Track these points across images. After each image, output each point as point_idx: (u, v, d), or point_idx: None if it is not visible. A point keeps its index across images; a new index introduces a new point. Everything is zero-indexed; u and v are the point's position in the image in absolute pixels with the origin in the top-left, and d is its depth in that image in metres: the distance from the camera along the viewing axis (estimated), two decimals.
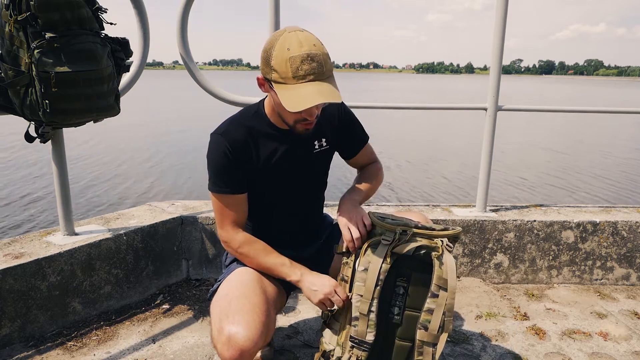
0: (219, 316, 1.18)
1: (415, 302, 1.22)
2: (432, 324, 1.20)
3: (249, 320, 1.15)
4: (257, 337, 1.14)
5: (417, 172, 8.59)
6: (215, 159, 1.33)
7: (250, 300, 1.22)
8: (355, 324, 1.21)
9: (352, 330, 1.22)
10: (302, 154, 1.41)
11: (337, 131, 1.47)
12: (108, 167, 8.33)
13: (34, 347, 1.72)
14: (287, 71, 1.13)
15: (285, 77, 1.14)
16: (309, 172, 1.45)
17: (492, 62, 2.34)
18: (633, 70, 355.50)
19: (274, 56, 1.15)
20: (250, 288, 1.27)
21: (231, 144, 1.31)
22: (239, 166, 1.33)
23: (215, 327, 1.17)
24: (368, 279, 1.19)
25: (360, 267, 1.20)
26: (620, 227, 2.35)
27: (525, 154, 10.51)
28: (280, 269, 1.34)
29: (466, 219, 2.33)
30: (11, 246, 1.86)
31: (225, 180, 1.33)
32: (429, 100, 29.24)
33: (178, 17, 2.15)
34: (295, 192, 1.45)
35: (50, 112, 1.55)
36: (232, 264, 1.46)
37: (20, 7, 1.49)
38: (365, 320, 1.20)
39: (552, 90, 56.66)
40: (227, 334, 1.13)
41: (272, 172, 1.38)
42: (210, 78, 2.26)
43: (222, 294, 1.28)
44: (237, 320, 1.15)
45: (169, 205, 2.40)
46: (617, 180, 8.25)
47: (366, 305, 1.19)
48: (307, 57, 1.12)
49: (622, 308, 2.16)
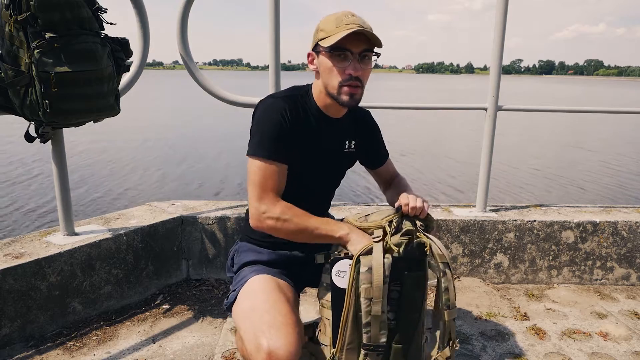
0: (254, 332, 1.17)
1: (410, 303, 1.21)
2: (451, 300, 1.22)
3: (286, 334, 1.16)
4: (297, 349, 1.16)
5: (417, 172, 8.59)
6: (271, 121, 1.29)
7: (281, 311, 1.22)
8: (367, 330, 1.17)
9: (365, 338, 1.17)
10: (336, 147, 1.44)
11: (366, 138, 1.52)
12: (108, 167, 8.33)
13: (34, 347, 1.72)
14: (332, 27, 1.25)
15: (329, 30, 1.25)
16: (335, 166, 1.48)
17: (492, 62, 2.34)
18: (633, 70, 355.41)
19: (322, 22, 1.29)
20: (275, 297, 1.26)
21: (289, 110, 1.31)
22: (291, 134, 1.30)
23: (252, 343, 1.16)
24: (375, 278, 1.15)
25: (363, 267, 1.16)
26: (620, 227, 2.35)
27: (525, 154, 10.51)
28: (326, 226, 1.28)
29: (466, 219, 2.33)
30: (11, 246, 1.86)
31: (276, 146, 1.29)
32: (430, 100, 29.21)
33: (178, 17, 2.15)
34: (322, 180, 1.47)
35: (50, 112, 1.55)
36: (242, 269, 1.44)
37: (20, 7, 1.49)
38: (378, 323, 1.17)
39: (558, 91, 56.62)
40: (267, 350, 1.12)
41: (311, 153, 1.38)
42: (210, 78, 2.26)
43: (247, 307, 1.26)
44: (274, 335, 1.15)
45: (169, 205, 2.40)
46: (617, 180, 8.25)
47: (379, 306, 1.15)
48: (351, 15, 1.26)
49: (622, 308, 2.16)
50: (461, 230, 2.34)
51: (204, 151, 10.20)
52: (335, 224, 1.29)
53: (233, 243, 2.26)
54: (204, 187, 7.21)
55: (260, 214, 1.29)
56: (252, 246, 1.48)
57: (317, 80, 1.37)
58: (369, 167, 1.61)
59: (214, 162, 9.12)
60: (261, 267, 1.41)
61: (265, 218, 1.29)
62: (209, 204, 2.41)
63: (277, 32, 2.13)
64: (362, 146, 1.51)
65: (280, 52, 2.17)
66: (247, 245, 1.49)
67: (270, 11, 2.11)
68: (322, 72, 1.31)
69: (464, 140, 12.65)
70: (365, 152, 1.54)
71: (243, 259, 1.47)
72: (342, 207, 2.45)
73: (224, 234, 2.26)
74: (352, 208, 2.44)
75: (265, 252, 1.45)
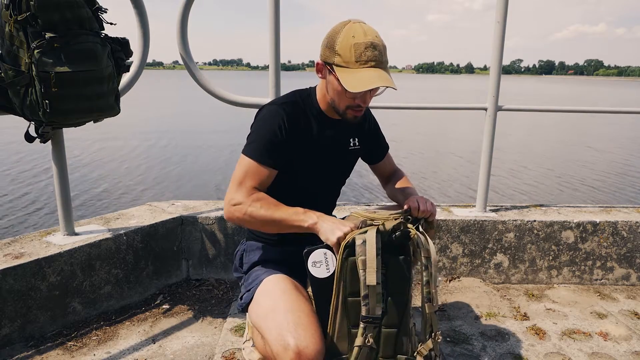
0: (279, 332, 1.18)
1: (395, 286, 1.23)
2: (432, 294, 1.24)
3: (312, 332, 1.18)
4: (323, 348, 1.18)
5: (417, 171, 8.59)
6: (268, 128, 1.32)
7: (304, 311, 1.23)
8: (366, 302, 1.18)
9: (364, 310, 1.19)
10: (340, 147, 1.46)
11: (367, 135, 1.55)
12: (108, 167, 8.33)
13: (34, 347, 1.72)
14: (350, 56, 1.23)
15: (348, 61, 1.23)
16: (340, 166, 1.51)
17: (492, 62, 2.34)
18: (633, 70, 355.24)
19: (339, 41, 1.24)
20: (295, 297, 1.28)
21: (287, 117, 1.33)
22: (287, 142, 1.33)
23: (278, 342, 1.17)
24: (368, 249, 1.16)
25: (358, 240, 1.17)
26: (620, 227, 2.35)
27: (525, 154, 10.51)
28: (294, 217, 1.25)
29: (466, 219, 2.33)
30: (11, 246, 1.86)
31: (269, 151, 1.31)
32: (430, 100, 29.19)
33: (178, 17, 2.15)
34: (324, 181, 1.48)
35: (50, 112, 1.55)
36: (253, 269, 1.44)
37: (20, 7, 1.49)
38: (375, 294, 1.18)
39: (558, 91, 56.63)
40: (295, 349, 1.14)
41: (310, 156, 1.39)
42: (210, 78, 2.26)
43: (268, 307, 1.27)
44: (302, 334, 1.16)
45: (169, 205, 2.40)
46: (618, 180, 8.24)
47: (373, 276, 1.16)
48: (371, 45, 1.22)
49: (622, 308, 2.16)
50: (461, 230, 2.34)
51: (204, 151, 10.20)
52: (304, 214, 1.26)
53: (233, 243, 2.26)
54: (204, 187, 7.21)
55: (231, 205, 1.29)
56: (261, 244, 1.48)
57: (321, 83, 1.39)
58: (370, 162, 1.63)
59: (214, 162, 9.12)
60: (274, 266, 1.42)
61: (235, 209, 1.28)
62: (209, 204, 2.41)
63: (277, 32, 2.14)
64: (366, 142, 1.54)
65: (280, 52, 2.17)
66: (255, 244, 1.49)
67: (270, 11, 2.11)
68: (330, 88, 1.33)
69: (464, 140, 12.64)
70: (368, 148, 1.57)
71: (252, 258, 1.47)
72: (343, 207, 2.45)
73: (224, 234, 2.26)
74: (352, 208, 2.44)
75: (275, 251, 1.46)
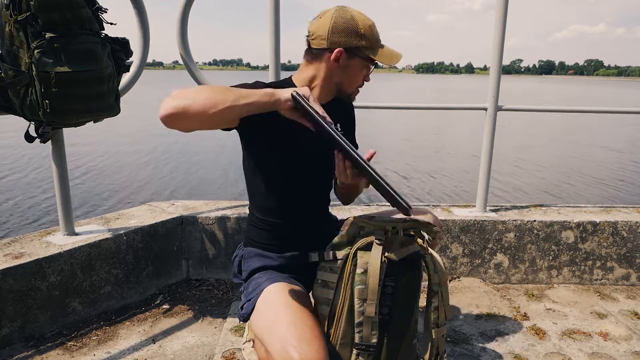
0: (282, 345, 1.16)
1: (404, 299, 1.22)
2: (441, 319, 1.26)
3: (318, 347, 1.16)
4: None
5: (417, 171, 8.59)
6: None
7: (307, 324, 1.21)
8: (359, 329, 1.18)
9: (357, 337, 1.18)
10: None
11: (348, 124, 1.53)
12: (108, 167, 8.33)
13: (34, 347, 1.72)
14: (373, 37, 1.32)
15: (373, 42, 1.33)
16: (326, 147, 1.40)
17: (492, 62, 2.34)
18: (633, 70, 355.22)
19: (361, 26, 1.30)
20: (297, 308, 1.25)
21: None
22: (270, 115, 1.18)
23: (281, 356, 1.16)
24: (370, 281, 1.15)
25: (359, 269, 1.17)
26: (620, 227, 2.35)
27: (525, 154, 10.51)
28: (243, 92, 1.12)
29: (466, 219, 2.33)
30: (11, 246, 1.86)
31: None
32: (431, 100, 29.23)
33: (178, 17, 2.15)
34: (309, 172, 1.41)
35: (50, 112, 1.55)
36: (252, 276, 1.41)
37: (20, 7, 1.49)
38: (370, 324, 1.18)
39: (558, 91, 56.62)
40: None
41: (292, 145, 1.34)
42: (210, 78, 2.26)
43: (270, 319, 1.25)
44: (305, 349, 1.15)
45: (169, 205, 2.40)
46: (618, 180, 8.25)
47: (373, 308, 1.16)
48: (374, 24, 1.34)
49: (622, 308, 2.16)
50: (461, 230, 2.34)
51: (204, 151, 10.20)
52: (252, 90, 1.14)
53: (233, 243, 2.26)
54: (204, 187, 7.21)
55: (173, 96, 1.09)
56: (259, 251, 1.44)
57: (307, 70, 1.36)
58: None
59: (214, 162, 9.12)
60: (273, 274, 1.38)
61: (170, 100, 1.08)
62: (209, 204, 2.41)
63: (277, 32, 2.14)
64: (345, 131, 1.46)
65: (280, 52, 2.17)
66: (253, 251, 1.45)
67: (270, 11, 2.11)
68: (346, 72, 1.35)
69: (464, 140, 12.65)
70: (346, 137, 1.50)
71: (251, 265, 1.43)
72: (342, 207, 2.45)
73: (224, 234, 2.26)
74: (353, 208, 2.44)
75: (274, 257, 1.42)
